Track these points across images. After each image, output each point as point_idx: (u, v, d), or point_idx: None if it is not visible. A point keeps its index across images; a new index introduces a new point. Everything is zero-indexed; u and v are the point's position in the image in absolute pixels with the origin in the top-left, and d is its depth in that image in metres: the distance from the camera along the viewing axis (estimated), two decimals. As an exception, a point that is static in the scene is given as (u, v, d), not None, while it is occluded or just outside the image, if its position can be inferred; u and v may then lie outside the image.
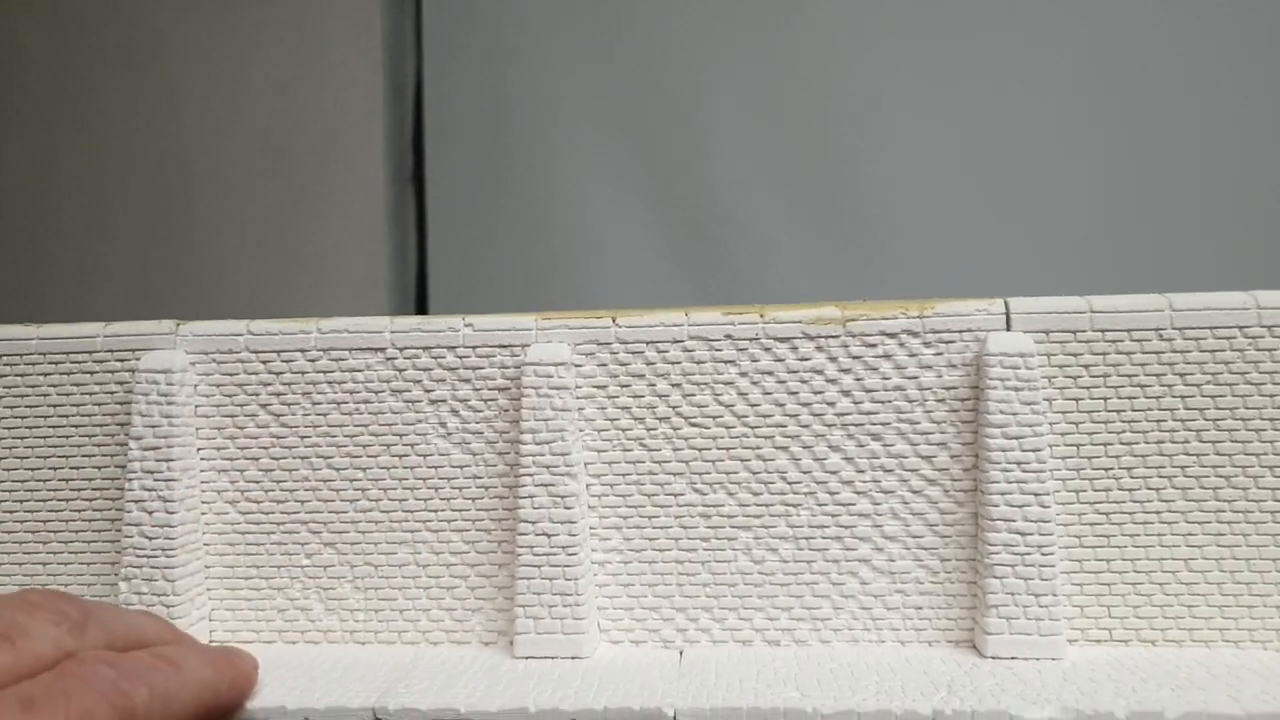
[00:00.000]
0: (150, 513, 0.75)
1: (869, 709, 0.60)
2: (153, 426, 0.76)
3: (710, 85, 1.92)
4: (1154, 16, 1.77)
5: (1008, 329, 0.73)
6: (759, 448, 0.75)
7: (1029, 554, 0.69)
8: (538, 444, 0.74)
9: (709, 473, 0.75)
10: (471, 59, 2.01)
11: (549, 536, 0.73)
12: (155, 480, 0.76)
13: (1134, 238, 1.76)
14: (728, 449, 0.75)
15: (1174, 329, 0.72)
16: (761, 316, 0.76)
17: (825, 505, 0.74)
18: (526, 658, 0.72)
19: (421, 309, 2.07)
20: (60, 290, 2.06)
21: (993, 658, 0.69)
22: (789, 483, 0.75)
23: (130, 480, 0.76)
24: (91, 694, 0.50)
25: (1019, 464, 0.70)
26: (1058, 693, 0.61)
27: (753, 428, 0.75)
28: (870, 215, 1.87)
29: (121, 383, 0.79)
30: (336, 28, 2.02)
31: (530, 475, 0.73)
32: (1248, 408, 0.72)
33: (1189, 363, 0.72)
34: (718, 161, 1.92)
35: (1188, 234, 1.74)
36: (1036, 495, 0.70)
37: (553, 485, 0.73)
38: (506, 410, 0.76)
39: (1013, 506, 0.70)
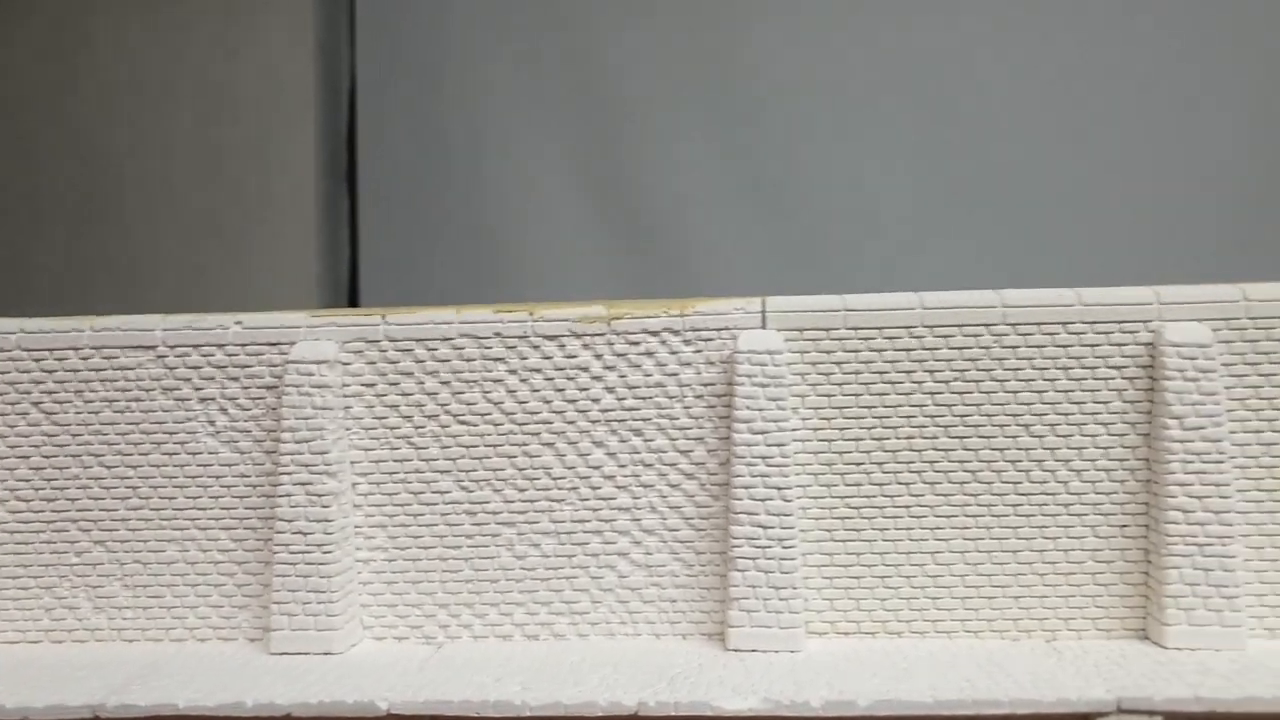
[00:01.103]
0: (-89, 512, 0.75)
1: (577, 701, 0.61)
2: (-82, 426, 0.76)
3: (648, 83, 1.91)
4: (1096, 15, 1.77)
5: (764, 327, 0.74)
6: (526, 444, 0.76)
7: (770, 547, 0.71)
8: (297, 442, 0.74)
9: (476, 470, 0.76)
10: (406, 58, 2.00)
11: (305, 535, 0.73)
12: (-82, 480, 0.75)
13: (1083, 233, 1.75)
14: (495, 446, 0.76)
15: (925, 326, 0.74)
16: (530, 315, 0.76)
17: (587, 500, 0.75)
18: (281, 654, 0.72)
19: (353, 305, 2.07)
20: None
21: (735, 650, 0.70)
22: (553, 478, 0.75)
23: (-108, 480, 0.76)
24: None
25: (763, 458, 0.71)
26: (768, 685, 0.63)
27: (520, 425, 0.76)
28: (811, 211, 1.86)
29: (-106, 382, 0.79)
30: (270, 24, 2.01)
31: (289, 474, 0.74)
32: (993, 404, 0.73)
33: (938, 360, 0.73)
34: (655, 159, 1.91)
35: (1156, 229, 1.74)
36: (779, 490, 0.71)
37: (310, 484, 0.73)
38: (274, 409, 0.76)
39: (756, 500, 0.71)
